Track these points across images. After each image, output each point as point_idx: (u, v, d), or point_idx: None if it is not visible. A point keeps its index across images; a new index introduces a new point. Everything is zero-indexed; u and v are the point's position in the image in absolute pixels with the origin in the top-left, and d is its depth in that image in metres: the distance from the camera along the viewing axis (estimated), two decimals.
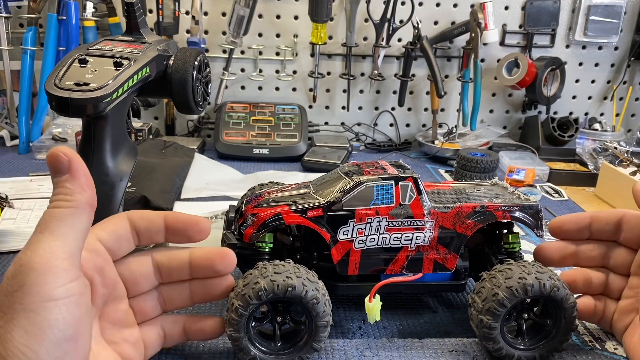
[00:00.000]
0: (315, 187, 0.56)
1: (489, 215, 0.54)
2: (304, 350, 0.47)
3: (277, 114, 1.19)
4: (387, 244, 0.53)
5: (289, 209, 0.51)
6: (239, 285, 0.46)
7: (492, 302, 0.47)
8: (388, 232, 0.52)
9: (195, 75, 0.57)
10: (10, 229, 0.72)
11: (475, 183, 0.63)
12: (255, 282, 0.45)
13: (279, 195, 0.55)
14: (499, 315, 0.47)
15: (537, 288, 0.47)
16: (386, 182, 0.52)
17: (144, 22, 0.58)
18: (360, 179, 0.52)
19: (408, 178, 0.53)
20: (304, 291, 0.45)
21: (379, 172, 0.54)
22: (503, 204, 0.54)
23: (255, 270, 0.47)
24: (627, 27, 1.26)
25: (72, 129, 1.09)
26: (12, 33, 1.09)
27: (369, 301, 0.51)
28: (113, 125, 0.51)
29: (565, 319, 0.49)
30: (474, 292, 0.50)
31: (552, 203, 0.95)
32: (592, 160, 1.11)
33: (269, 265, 0.47)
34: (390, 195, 0.52)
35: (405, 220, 0.52)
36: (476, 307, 0.49)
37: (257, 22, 1.19)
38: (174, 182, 0.87)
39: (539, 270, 0.48)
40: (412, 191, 0.53)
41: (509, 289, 0.47)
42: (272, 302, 0.46)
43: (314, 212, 0.51)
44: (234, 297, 0.46)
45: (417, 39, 1.17)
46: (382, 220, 0.52)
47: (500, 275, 0.49)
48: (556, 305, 0.48)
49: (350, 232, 0.52)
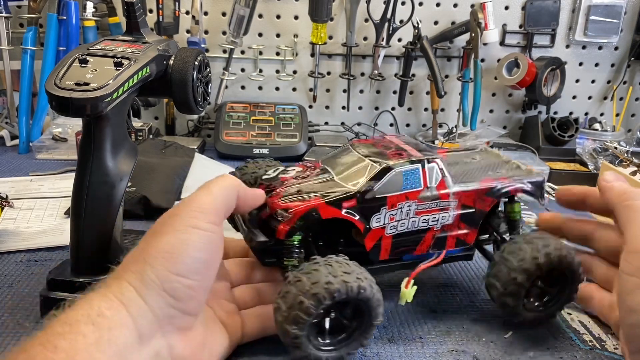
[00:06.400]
0: (334, 170, 0.54)
1: (504, 192, 0.56)
2: (352, 346, 0.47)
3: (277, 113, 1.19)
4: (416, 227, 0.53)
5: (323, 202, 0.49)
6: (304, 283, 0.44)
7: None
8: (417, 215, 0.53)
9: (195, 75, 0.57)
10: (10, 229, 0.72)
11: (466, 152, 0.64)
12: (327, 281, 0.43)
13: (304, 185, 0.52)
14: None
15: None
16: (414, 166, 0.52)
17: (144, 22, 0.58)
18: (389, 164, 0.51)
19: (433, 160, 0.53)
20: (372, 293, 0.45)
21: (402, 154, 0.53)
22: (515, 180, 0.57)
23: (320, 266, 0.45)
24: (627, 27, 1.26)
25: (72, 129, 1.09)
26: (12, 33, 1.09)
27: (405, 287, 0.51)
28: (113, 125, 0.51)
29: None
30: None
31: (553, 203, 0.94)
32: (592, 160, 1.11)
33: (334, 263, 0.45)
34: (418, 178, 0.52)
35: (432, 203, 0.53)
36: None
37: (257, 22, 1.19)
38: (174, 182, 0.87)
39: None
40: (437, 173, 0.53)
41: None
42: None
43: (349, 204, 0.50)
44: (301, 294, 0.43)
45: (417, 39, 1.17)
46: (412, 204, 0.52)
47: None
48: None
49: (382, 219, 0.51)
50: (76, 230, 0.52)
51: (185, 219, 0.42)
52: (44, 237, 0.70)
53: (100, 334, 0.36)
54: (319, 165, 0.56)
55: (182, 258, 0.40)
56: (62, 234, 0.71)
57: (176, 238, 0.41)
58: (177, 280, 0.40)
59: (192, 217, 0.42)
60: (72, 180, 0.52)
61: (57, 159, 1.02)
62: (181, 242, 0.41)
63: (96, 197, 0.51)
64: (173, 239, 0.41)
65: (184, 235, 0.41)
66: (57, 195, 0.84)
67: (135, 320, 0.38)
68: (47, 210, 0.79)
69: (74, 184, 0.52)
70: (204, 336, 0.44)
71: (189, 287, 0.41)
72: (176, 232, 0.41)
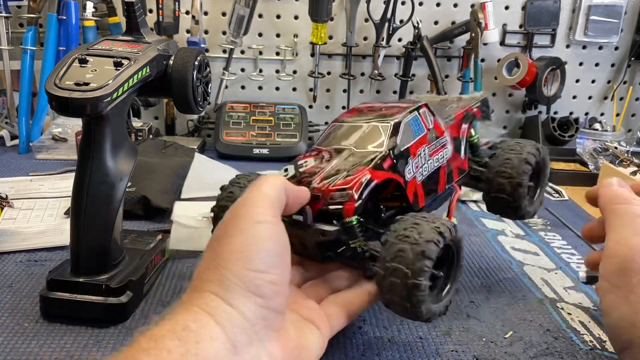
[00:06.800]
0: (346, 144, 0.53)
1: (472, 116, 0.65)
2: (450, 294, 0.49)
3: (277, 113, 1.19)
4: (433, 168, 0.57)
5: (370, 168, 0.49)
6: (412, 236, 0.44)
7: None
8: (431, 157, 0.56)
9: (195, 75, 0.57)
10: (10, 229, 0.72)
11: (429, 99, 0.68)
12: (432, 227, 0.45)
13: (334, 166, 0.51)
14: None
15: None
16: (413, 115, 0.55)
17: (144, 22, 0.58)
18: (396, 118, 0.53)
19: (422, 106, 0.57)
20: (460, 235, 0.48)
21: (395, 109, 0.56)
22: (473, 105, 0.66)
23: (412, 220, 0.46)
24: (627, 27, 1.26)
25: (72, 129, 1.09)
26: (12, 33, 1.09)
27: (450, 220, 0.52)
28: (113, 125, 0.51)
29: None
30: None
31: (553, 203, 0.95)
32: (593, 160, 1.11)
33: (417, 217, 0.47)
34: (420, 124, 0.56)
35: (436, 142, 0.57)
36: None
37: (257, 22, 1.19)
38: (174, 182, 0.87)
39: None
40: (429, 116, 0.57)
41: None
42: None
43: (387, 164, 0.50)
44: (416, 245, 0.43)
45: (417, 39, 1.17)
46: (425, 148, 0.55)
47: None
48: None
49: (411, 169, 0.53)
50: (76, 230, 0.52)
51: (247, 217, 0.41)
52: (43, 237, 0.70)
53: (186, 347, 0.34)
54: (324, 149, 0.54)
55: (258, 253, 0.39)
56: (62, 234, 0.70)
57: (245, 236, 0.39)
58: (259, 277, 0.38)
59: (254, 214, 0.41)
60: (72, 180, 0.52)
61: (57, 159, 1.02)
62: (252, 238, 0.39)
63: (96, 197, 0.51)
64: (242, 238, 0.39)
65: (252, 231, 0.40)
66: (57, 195, 0.84)
67: (226, 329, 0.36)
68: (47, 210, 0.79)
69: (74, 184, 0.52)
70: (297, 338, 0.42)
71: (272, 282, 0.39)
72: (242, 231, 0.40)
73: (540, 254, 0.74)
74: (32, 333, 0.51)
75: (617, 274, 0.46)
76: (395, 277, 0.44)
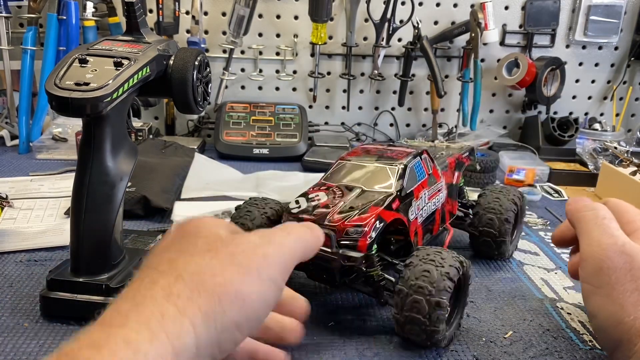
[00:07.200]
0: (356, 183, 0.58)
1: (461, 162, 0.73)
2: (457, 321, 0.53)
3: (277, 113, 1.19)
4: (431, 210, 0.62)
5: (382, 208, 0.53)
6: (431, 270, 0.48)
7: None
8: (429, 200, 0.61)
9: (195, 75, 0.57)
10: (10, 229, 0.72)
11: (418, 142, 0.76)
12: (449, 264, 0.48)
13: (347, 203, 0.54)
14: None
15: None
16: (416, 160, 0.61)
17: (144, 22, 0.58)
18: (403, 163, 0.58)
19: (423, 152, 0.63)
20: (470, 270, 0.52)
21: (401, 154, 0.61)
22: (462, 154, 0.74)
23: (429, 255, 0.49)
24: (627, 27, 1.26)
25: (72, 129, 1.09)
26: (12, 33, 1.09)
27: None
28: (113, 125, 0.51)
29: None
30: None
31: (552, 203, 0.95)
32: (592, 160, 1.11)
33: (429, 251, 0.50)
34: (422, 169, 0.61)
35: (434, 186, 0.63)
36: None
37: (257, 22, 1.19)
38: (174, 182, 0.87)
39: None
40: (429, 162, 0.63)
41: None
42: None
43: (396, 204, 0.55)
44: (441, 266, 0.48)
45: (417, 39, 1.17)
46: (425, 192, 0.61)
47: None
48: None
49: (414, 210, 0.58)
50: (76, 230, 0.52)
51: (267, 267, 0.35)
52: (44, 237, 0.70)
53: None
54: (333, 185, 0.58)
55: (257, 315, 0.34)
56: (62, 234, 0.71)
57: (257, 288, 0.34)
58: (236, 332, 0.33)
59: (274, 270, 0.35)
60: (72, 180, 0.52)
61: (57, 159, 1.02)
62: (261, 298, 0.34)
63: (96, 197, 0.51)
64: (253, 288, 0.34)
65: (263, 288, 0.34)
66: (57, 195, 0.84)
67: None
68: (47, 210, 0.79)
69: (74, 184, 0.52)
70: None
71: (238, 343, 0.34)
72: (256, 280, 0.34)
73: (540, 254, 0.74)
74: (32, 333, 0.51)
75: (596, 275, 0.47)
76: (420, 295, 0.47)
